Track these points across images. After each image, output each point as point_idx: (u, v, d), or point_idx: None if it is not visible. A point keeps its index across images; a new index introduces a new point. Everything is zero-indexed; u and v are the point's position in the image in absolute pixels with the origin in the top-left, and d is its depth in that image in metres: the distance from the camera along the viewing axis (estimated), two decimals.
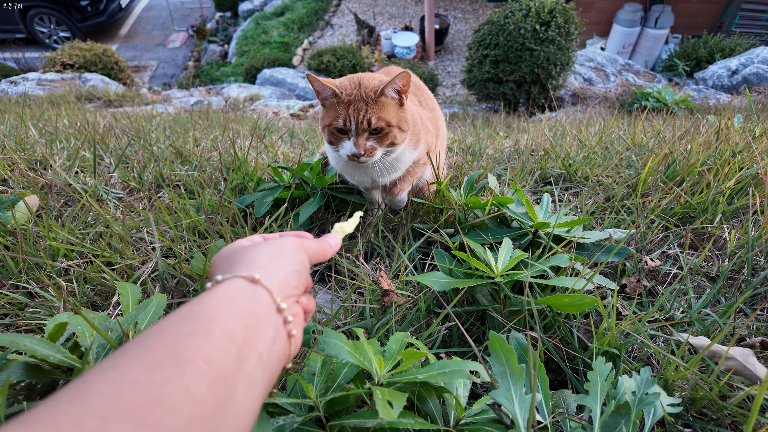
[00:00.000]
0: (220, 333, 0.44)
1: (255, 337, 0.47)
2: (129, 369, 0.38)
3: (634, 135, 2.05)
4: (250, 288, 0.51)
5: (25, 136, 2.07)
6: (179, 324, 0.44)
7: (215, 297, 0.48)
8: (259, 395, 0.46)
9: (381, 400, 0.58)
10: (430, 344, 0.99)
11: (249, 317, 0.48)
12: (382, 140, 1.14)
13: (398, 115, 1.14)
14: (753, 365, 0.83)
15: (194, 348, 0.41)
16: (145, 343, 0.41)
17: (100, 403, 0.34)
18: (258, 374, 0.46)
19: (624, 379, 0.77)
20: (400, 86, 1.12)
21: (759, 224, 1.27)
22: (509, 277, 1.00)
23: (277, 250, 0.59)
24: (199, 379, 0.39)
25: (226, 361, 0.42)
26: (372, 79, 1.15)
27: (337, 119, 1.12)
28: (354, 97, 1.11)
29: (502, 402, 0.69)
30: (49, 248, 1.22)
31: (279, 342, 0.51)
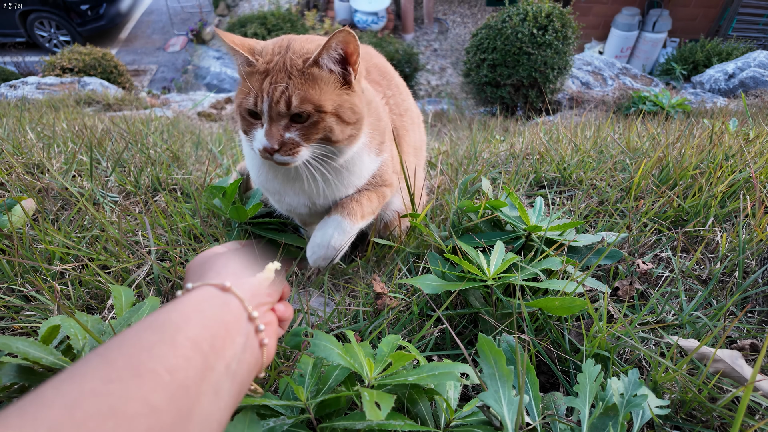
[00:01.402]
0: (185, 342, 0.43)
1: (223, 346, 0.46)
2: (86, 380, 0.37)
3: (628, 139, 2.06)
4: (221, 296, 0.50)
5: (23, 140, 2.08)
6: (143, 333, 0.43)
7: (183, 305, 0.48)
8: (226, 405, 0.45)
9: (369, 402, 0.58)
10: (423, 347, 0.99)
11: (217, 326, 0.47)
12: (309, 132, 0.80)
13: (338, 97, 0.81)
14: (741, 367, 0.84)
15: (156, 358, 0.40)
16: (105, 353, 0.40)
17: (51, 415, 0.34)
18: (225, 384, 0.45)
19: (612, 381, 0.78)
20: (342, 52, 0.78)
21: (750, 228, 1.28)
22: (501, 280, 1.01)
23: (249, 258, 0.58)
24: (159, 390, 0.38)
25: (189, 371, 0.41)
26: (307, 41, 0.83)
27: (248, 96, 0.80)
28: (274, 66, 0.78)
29: (491, 404, 0.70)
30: (45, 252, 1.23)
31: (250, 351, 0.51)
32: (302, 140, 0.80)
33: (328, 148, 0.84)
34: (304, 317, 1.06)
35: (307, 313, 1.06)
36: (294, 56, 0.79)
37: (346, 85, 0.82)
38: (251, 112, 0.82)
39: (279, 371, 0.83)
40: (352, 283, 1.19)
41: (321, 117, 0.79)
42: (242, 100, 0.82)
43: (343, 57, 0.79)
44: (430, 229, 1.10)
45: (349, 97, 0.83)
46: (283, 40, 0.84)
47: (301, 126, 0.80)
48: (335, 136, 0.81)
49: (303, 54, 0.79)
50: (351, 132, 0.84)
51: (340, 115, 0.81)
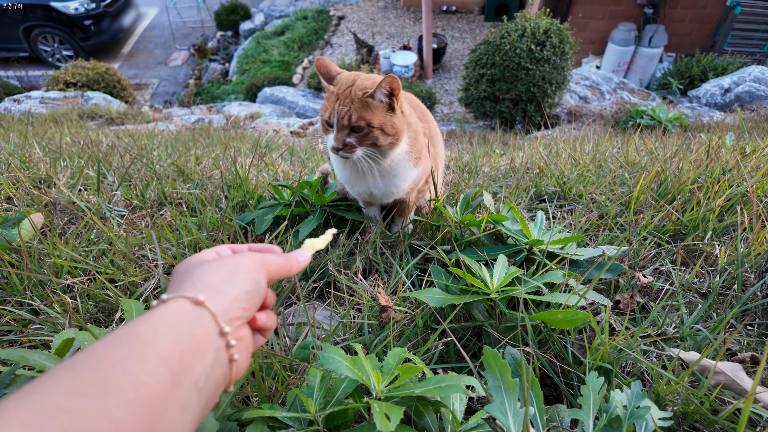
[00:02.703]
0: (154, 357, 0.43)
1: (191, 362, 0.46)
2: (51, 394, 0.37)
3: (627, 153, 2.09)
4: (194, 310, 0.50)
5: (29, 154, 2.11)
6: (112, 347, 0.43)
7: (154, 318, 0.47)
8: (192, 420, 0.45)
9: (379, 413, 0.60)
10: (428, 360, 1.01)
11: (187, 341, 0.47)
12: (362, 139, 1.17)
13: (384, 118, 1.16)
14: (742, 379, 0.85)
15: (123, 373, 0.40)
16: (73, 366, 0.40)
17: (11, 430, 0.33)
18: (193, 400, 0.45)
19: (615, 393, 0.79)
20: (389, 90, 1.13)
21: (748, 241, 1.30)
22: (504, 293, 1.02)
23: (230, 269, 0.57)
24: (125, 405, 0.38)
25: (156, 387, 0.41)
26: (367, 79, 1.18)
27: (326, 111, 1.18)
28: (343, 93, 1.15)
29: (497, 415, 0.71)
30: (54, 265, 1.24)
31: (219, 367, 0.50)
32: (357, 144, 1.17)
33: (375, 150, 1.20)
34: (310, 330, 1.07)
35: (312, 326, 1.07)
36: (356, 89, 1.15)
37: (390, 110, 1.17)
38: (327, 122, 1.19)
39: (287, 384, 0.84)
40: (356, 296, 1.21)
41: (370, 129, 1.15)
42: (323, 113, 1.20)
43: (389, 92, 1.14)
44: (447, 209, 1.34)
45: (391, 118, 1.18)
46: (350, 75, 1.20)
47: (357, 135, 1.16)
48: (379, 142, 1.17)
49: (362, 88, 1.15)
50: (390, 140, 1.19)
51: (383, 129, 1.17)
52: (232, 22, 11.19)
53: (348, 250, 1.39)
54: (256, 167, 1.93)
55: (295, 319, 1.16)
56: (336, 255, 1.33)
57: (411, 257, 1.35)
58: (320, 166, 1.84)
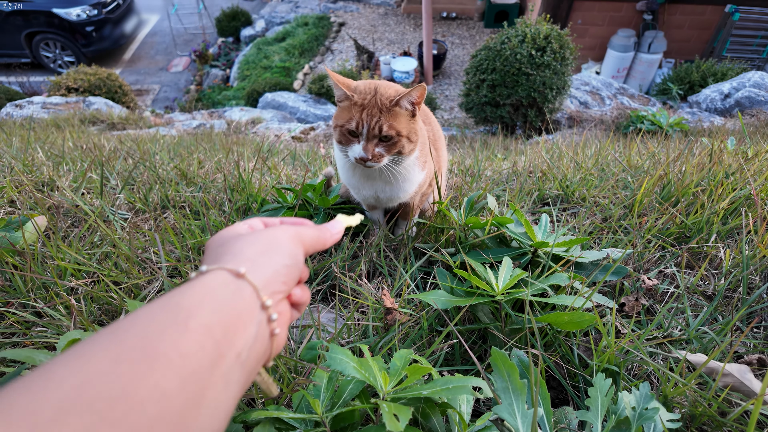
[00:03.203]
0: (198, 327, 0.41)
1: (235, 335, 0.45)
2: (95, 360, 0.35)
3: (629, 157, 2.09)
4: (235, 282, 0.48)
5: (32, 158, 2.11)
6: (155, 315, 0.41)
7: (196, 289, 0.46)
8: (234, 395, 0.44)
9: (388, 413, 0.59)
10: (433, 362, 1.00)
11: (230, 313, 0.45)
12: (390, 148, 1.16)
13: (409, 126, 1.17)
14: (750, 381, 0.85)
15: (169, 341, 0.39)
16: (116, 333, 0.39)
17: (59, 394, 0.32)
18: (235, 373, 0.44)
19: (624, 395, 0.79)
20: (415, 98, 1.14)
21: (753, 244, 1.30)
22: (510, 295, 1.02)
23: (268, 242, 0.56)
24: (171, 375, 0.37)
25: (202, 357, 0.40)
26: (388, 87, 1.18)
27: (350, 121, 1.14)
28: (368, 103, 1.13)
29: (505, 417, 0.71)
30: (57, 268, 1.24)
31: (260, 341, 0.49)
32: (385, 152, 1.17)
33: (396, 157, 1.20)
34: (315, 332, 1.07)
35: (318, 328, 1.07)
36: (382, 98, 1.14)
37: (413, 117, 1.18)
38: (351, 132, 1.16)
39: (292, 386, 0.83)
40: (361, 297, 1.20)
41: (399, 138, 1.15)
42: (345, 122, 1.15)
43: (414, 101, 1.15)
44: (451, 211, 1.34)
45: (414, 124, 1.18)
46: (370, 84, 1.18)
47: (385, 144, 1.16)
48: (405, 150, 1.18)
49: (387, 97, 1.14)
50: (412, 147, 1.20)
51: (409, 137, 1.17)
52: (233, 28, 11.26)
53: (352, 252, 1.39)
54: (259, 171, 1.93)
55: (299, 321, 1.15)
56: (340, 258, 1.33)
57: (415, 260, 1.35)
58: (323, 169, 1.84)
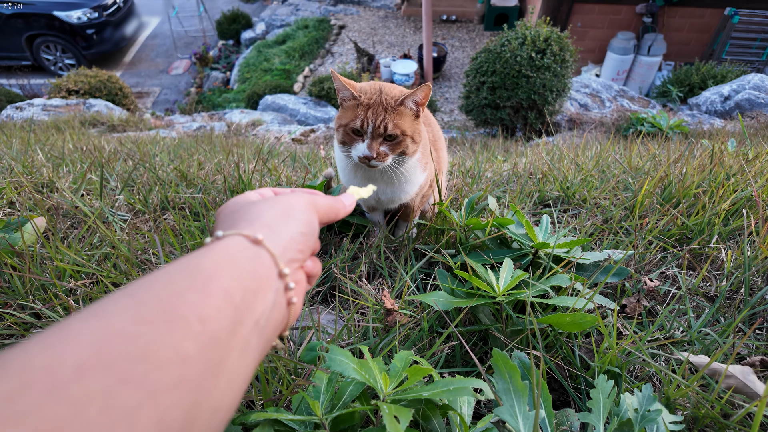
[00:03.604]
0: (218, 292, 0.40)
1: (254, 301, 0.43)
2: (115, 319, 0.34)
3: (630, 158, 2.09)
4: (252, 248, 0.47)
5: (31, 159, 2.11)
6: (174, 277, 0.40)
7: (215, 253, 0.44)
8: (252, 362, 0.43)
9: (388, 415, 0.59)
10: (434, 364, 0.99)
11: (249, 279, 0.44)
12: (394, 147, 1.16)
13: (413, 126, 1.17)
14: (753, 383, 0.84)
15: (188, 304, 0.37)
16: (135, 293, 0.37)
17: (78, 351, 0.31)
18: (253, 340, 0.43)
19: (626, 397, 0.78)
20: (420, 98, 1.15)
21: (755, 245, 1.30)
22: (511, 296, 1.01)
23: (284, 209, 0.54)
24: (191, 338, 0.36)
25: (221, 322, 0.39)
26: (393, 88, 1.19)
27: (355, 120, 1.15)
28: (374, 102, 1.14)
29: (506, 419, 0.70)
30: (56, 269, 1.23)
31: (278, 309, 0.48)
32: (390, 152, 1.16)
33: (399, 158, 1.19)
34: (314, 334, 1.06)
35: (317, 330, 1.06)
36: (387, 97, 1.14)
37: (416, 118, 1.18)
38: (356, 131, 1.16)
39: (292, 388, 0.83)
40: (362, 299, 1.20)
41: (403, 138, 1.15)
42: (349, 121, 1.15)
43: (418, 101, 1.15)
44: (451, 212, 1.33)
45: (418, 125, 1.19)
46: (374, 85, 1.18)
47: (390, 143, 1.16)
48: (408, 150, 1.18)
49: (393, 96, 1.15)
50: (416, 148, 1.20)
51: (413, 137, 1.17)
52: (233, 31, 11.28)
53: (352, 254, 1.38)
54: (259, 172, 1.93)
55: (299, 323, 1.15)
56: (340, 259, 1.33)
57: (415, 261, 1.34)
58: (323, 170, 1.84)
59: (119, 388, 0.30)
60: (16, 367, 0.29)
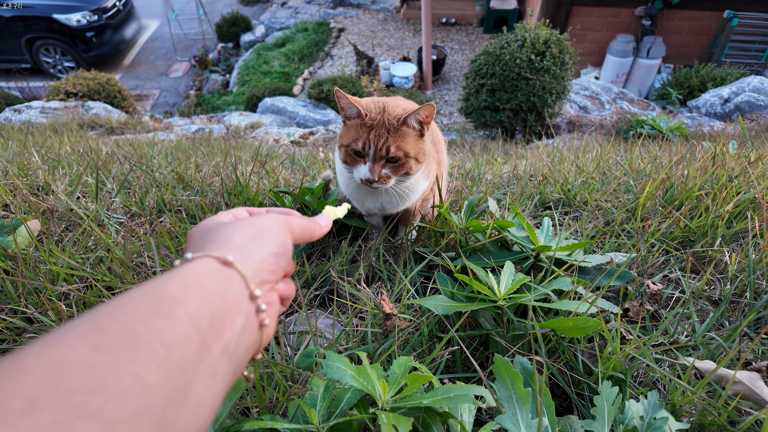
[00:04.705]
0: (184, 317, 0.39)
1: (222, 326, 0.42)
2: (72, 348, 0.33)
3: (631, 161, 2.07)
4: (222, 271, 0.46)
5: (27, 162, 2.09)
6: (138, 302, 0.39)
7: (182, 276, 0.43)
8: (221, 387, 0.42)
9: (386, 424, 0.57)
10: (433, 369, 0.97)
11: (218, 303, 0.43)
12: (397, 169, 1.13)
13: (417, 146, 1.13)
14: (761, 389, 0.82)
15: (152, 330, 0.36)
16: (96, 320, 0.36)
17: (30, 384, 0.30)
18: (222, 366, 0.42)
19: (631, 404, 0.76)
20: (423, 117, 1.10)
21: (759, 247, 1.28)
22: (512, 300, 0.99)
23: (256, 230, 0.54)
24: (155, 366, 0.34)
25: (187, 348, 0.37)
26: (396, 106, 1.14)
27: (357, 142, 1.11)
28: (377, 123, 1.10)
29: (509, 427, 0.68)
30: (49, 273, 1.21)
31: (249, 332, 0.47)
32: (392, 174, 1.13)
33: (402, 178, 1.17)
34: (312, 339, 1.04)
35: (315, 335, 1.04)
36: (389, 117, 1.10)
37: (421, 137, 1.14)
38: (357, 152, 1.13)
39: (288, 394, 0.81)
40: (360, 303, 1.18)
41: (407, 160, 1.12)
42: (351, 142, 1.12)
43: (422, 120, 1.11)
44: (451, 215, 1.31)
45: (422, 144, 1.15)
46: (379, 102, 1.14)
47: (392, 165, 1.13)
48: (412, 171, 1.15)
49: (395, 116, 1.10)
50: (419, 167, 1.17)
51: (417, 158, 1.14)
52: (233, 33, 11.27)
53: (350, 257, 1.36)
54: (257, 174, 1.91)
55: (296, 327, 1.13)
56: (338, 262, 1.31)
57: (415, 264, 1.32)
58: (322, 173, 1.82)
59: (74, 421, 0.29)
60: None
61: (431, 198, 1.48)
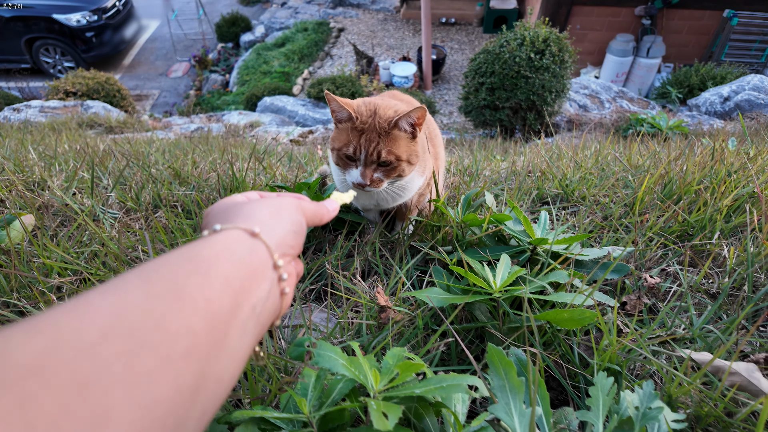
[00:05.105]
0: (218, 277, 0.43)
1: (250, 288, 0.47)
2: (129, 295, 0.37)
3: (630, 156, 2.06)
4: (249, 240, 0.51)
5: (24, 158, 2.09)
6: (178, 262, 0.43)
7: (214, 243, 0.47)
8: (249, 343, 0.46)
9: (376, 411, 0.56)
10: (428, 362, 0.97)
11: (246, 268, 0.47)
12: (389, 173, 1.12)
13: (409, 149, 1.12)
14: (758, 380, 0.81)
15: (194, 285, 0.40)
16: (143, 274, 0.40)
17: (100, 320, 0.34)
18: (250, 324, 0.46)
19: (626, 394, 0.75)
20: (415, 120, 1.09)
21: (758, 241, 1.27)
22: (508, 293, 0.98)
23: (276, 209, 0.58)
24: (199, 316, 0.39)
25: (222, 304, 0.42)
26: (387, 108, 1.12)
27: (348, 146, 1.10)
28: (368, 126, 1.08)
29: (501, 416, 0.67)
30: (43, 266, 1.21)
31: (272, 298, 0.52)
32: (384, 177, 1.12)
33: (395, 180, 1.16)
34: (306, 332, 1.03)
35: (309, 328, 1.04)
36: (381, 120, 1.08)
37: (413, 139, 1.12)
38: (349, 156, 1.11)
39: (280, 385, 0.80)
40: (355, 296, 1.17)
41: (398, 163, 1.11)
42: (343, 146, 1.11)
43: (414, 122, 1.09)
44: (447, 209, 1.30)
45: (415, 147, 1.14)
46: (370, 104, 1.12)
47: (384, 169, 1.11)
48: (404, 173, 1.14)
49: (386, 119, 1.08)
50: (412, 169, 1.17)
51: (409, 161, 1.13)
52: (232, 33, 11.28)
53: (346, 251, 1.35)
54: (254, 170, 1.91)
55: (290, 321, 1.12)
56: (334, 256, 1.30)
57: (411, 258, 1.31)
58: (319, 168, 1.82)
59: (139, 351, 0.33)
60: (44, 328, 0.32)
61: (428, 193, 1.47)
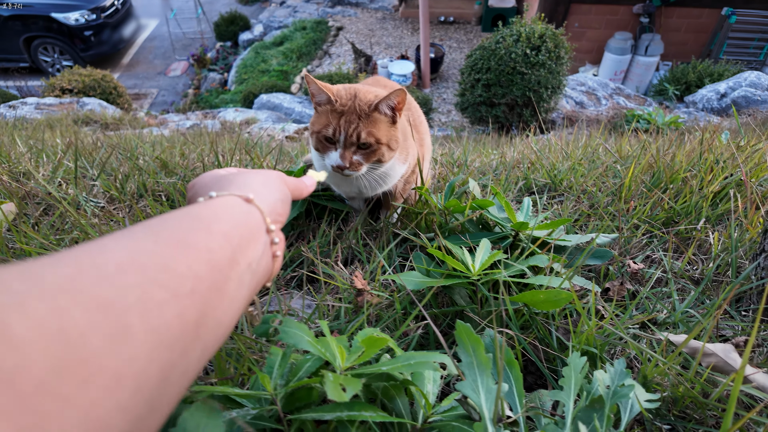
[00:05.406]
0: (219, 232, 0.47)
1: (247, 246, 0.51)
2: (139, 241, 0.40)
3: (620, 147, 2.05)
4: (245, 205, 0.55)
5: (12, 150, 2.08)
6: (182, 218, 0.47)
7: (212, 206, 0.51)
8: (245, 297, 0.50)
9: (332, 383, 0.55)
10: (405, 345, 0.96)
11: (243, 228, 0.51)
12: (369, 156, 1.11)
13: (389, 133, 1.11)
14: (734, 360, 0.80)
15: (196, 237, 0.44)
16: (151, 225, 0.43)
17: (116, 257, 0.37)
18: (246, 278, 0.50)
19: (598, 374, 0.74)
20: (395, 103, 1.09)
21: (743, 227, 1.26)
22: (487, 276, 0.97)
23: (265, 178, 0.63)
24: (202, 262, 0.42)
25: (222, 254, 0.45)
26: (367, 92, 1.12)
27: (327, 128, 1.09)
28: (348, 108, 1.08)
29: (468, 393, 0.66)
30: (21, 252, 1.20)
31: (265, 259, 0.55)
32: (364, 161, 1.12)
33: (375, 165, 1.15)
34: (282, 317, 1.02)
35: (285, 313, 1.02)
36: (361, 103, 1.08)
37: (393, 124, 1.13)
38: (328, 139, 1.11)
39: (246, 365, 0.79)
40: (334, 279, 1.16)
41: (378, 146, 1.10)
42: (322, 128, 1.10)
43: (394, 105, 1.09)
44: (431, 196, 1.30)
45: (395, 132, 1.13)
46: (350, 88, 1.13)
47: (364, 152, 1.11)
48: (384, 158, 1.13)
49: (367, 102, 1.08)
50: (392, 155, 1.16)
51: (389, 145, 1.12)
52: (231, 32, 11.28)
53: (329, 239, 1.34)
54: (240, 161, 1.90)
55: (267, 307, 1.11)
56: (317, 243, 1.29)
57: (395, 247, 1.30)
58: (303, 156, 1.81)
59: (151, 285, 0.37)
60: (68, 261, 0.35)
61: (413, 181, 1.46)
